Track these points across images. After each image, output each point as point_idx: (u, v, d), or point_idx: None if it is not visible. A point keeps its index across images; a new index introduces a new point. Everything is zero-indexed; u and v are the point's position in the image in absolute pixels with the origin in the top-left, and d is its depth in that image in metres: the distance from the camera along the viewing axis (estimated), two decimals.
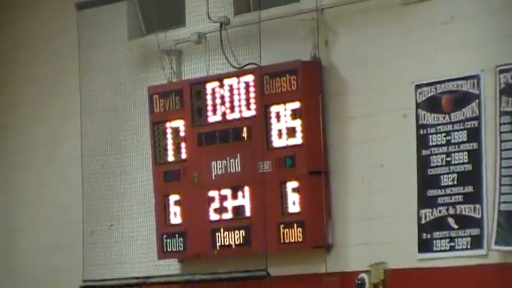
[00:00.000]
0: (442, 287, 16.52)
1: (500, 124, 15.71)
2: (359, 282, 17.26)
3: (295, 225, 17.94)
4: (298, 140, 18.15)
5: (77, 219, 20.68)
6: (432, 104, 16.77)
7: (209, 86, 19.18)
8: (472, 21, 16.25)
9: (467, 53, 16.26)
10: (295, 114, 18.10)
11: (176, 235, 19.43)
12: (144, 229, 19.99)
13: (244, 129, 18.58)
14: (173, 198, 19.89)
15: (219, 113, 18.89)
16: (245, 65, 18.83)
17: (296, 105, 18.12)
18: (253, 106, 18.61)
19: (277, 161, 18.63)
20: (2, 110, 22.67)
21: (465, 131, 16.22)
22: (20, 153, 22.74)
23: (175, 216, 19.86)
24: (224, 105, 18.89)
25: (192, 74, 19.58)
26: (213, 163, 18.91)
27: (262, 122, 18.40)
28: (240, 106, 18.82)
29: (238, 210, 19.12)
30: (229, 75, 18.87)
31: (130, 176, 20.35)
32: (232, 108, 18.93)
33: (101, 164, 20.79)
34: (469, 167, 16.29)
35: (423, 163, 16.82)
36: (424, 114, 16.72)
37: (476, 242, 16.14)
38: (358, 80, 17.82)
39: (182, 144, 19.54)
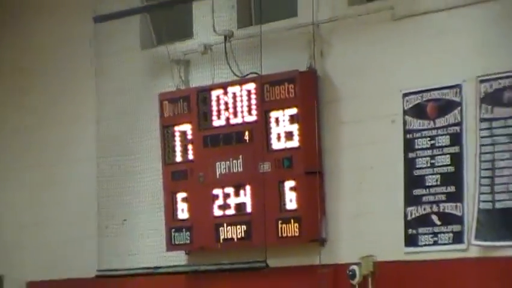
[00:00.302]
0: (426, 278, 16.44)
1: (480, 130, 15.78)
2: (350, 273, 17.13)
3: (292, 220, 17.94)
4: (295, 143, 18.14)
5: (91, 215, 20.86)
6: (418, 111, 16.78)
7: (214, 93, 19.19)
8: (456, 36, 16.24)
9: (450, 65, 16.30)
10: (292, 119, 18.08)
11: (184, 229, 19.49)
12: (154, 224, 20.01)
13: (246, 132, 18.64)
14: (181, 195, 19.83)
15: (223, 117, 18.92)
16: (247, 74, 18.80)
17: (294, 111, 18.08)
18: (254, 112, 18.60)
19: (276, 162, 18.58)
20: (21, 113, 22.71)
21: (448, 136, 16.30)
22: (35, 154, 22.73)
23: (182, 212, 19.84)
24: (228, 111, 18.89)
25: (198, 82, 19.60)
26: (217, 164, 18.93)
27: (262, 126, 18.41)
28: (242, 112, 18.81)
29: (240, 206, 19.08)
30: (232, 84, 18.91)
31: (141, 176, 20.36)
32: (235, 114, 18.92)
33: (114, 164, 20.80)
34: (451, 168, 16.33)
35: (409, 165, 16.87)
36: (411, 120, 16.76)
37: (458, 237, 16.14)
38: (350, 88, 17.76)
39: (189, 146, 19.56)
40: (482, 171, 15.85)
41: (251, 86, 18.65)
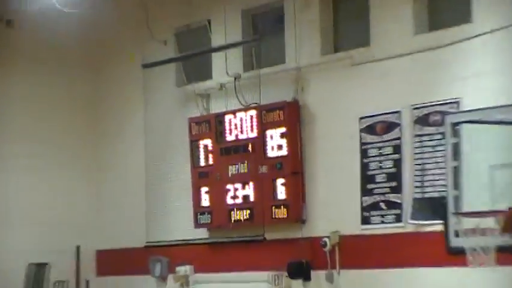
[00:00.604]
0: (375, 247, 16.75)
1: (413, 143, 16.07)
2: (323, 243, 17.38)
3: (282, 207, 18.36)
4: (284, 152, 18.42)
5: (142, 202, 21.14)
6: (370, 129, 17.08)
7: (227, 117, 19.43)
8: (397, 77, 16.50)
9: (393, 97, 16.58)
10: (282, 135, 18.39)
11: (206, 213, 19.85)
12: (185, 209, 20.29)
13: (250, 145, 19.03)
14: (204, 189, 20.01)
15: (233, 134, 19.29)
16: (250, 104, 19.15)
17: (283, 129, 18.37)
18: (255, 130, 18.96)
19: (271, 166, 18.77)
20: (96, 134, 22.89)
21: (391, 147, 16.64)
22: (107, 159, 22.92)
23: (205, 201, 19.97)
24: (236, 130, 19.26)
25: (216, 109, 20.03)
26: (229, 167, 19.28)
27: (261, 140, 18.73)
28: (246, 130, 19.20)
29: (245, 197, 19.27)
30: (240, 110, 19.35)
31: (177, 175, 20.75)
32: (241, 132, 19.20)
33: (157, 167, 21.14)
34: (393, 170, 16.70)
35: (364, 167, 17.14)
36: (365, 136, 17.08)
37: (398, 218, 16.46)
38: (322, 114, 17.98)
39: (210, 155, 19.80)
40: (415, 172, 16.19)
41: (253, 112, 18.99)
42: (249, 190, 19.17)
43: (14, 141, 21.87)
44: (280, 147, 18.53)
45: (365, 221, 17.20)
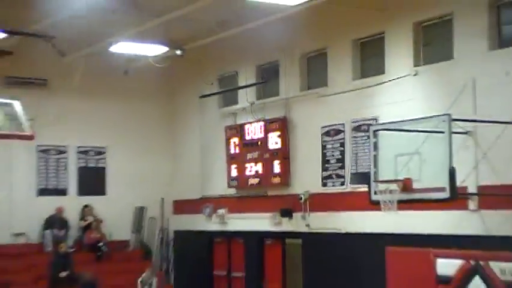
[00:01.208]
0: (329, 200, 16.67)
1: (351, 141, 16.26)
2: (299, 197, 17.20)
3: (277, 176, 18.29)
4: (279, 146, 18.29)
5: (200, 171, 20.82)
6: (327, 133, 17.00)
7: (246, 126, 19.17)
8: (342, 104, 16.49)
9: (339, 115, 16.50)
10: (278, 136, 18.28)
11: (234, 180, 19.66)
12: (223, 177, 19.97)
13: (259, 142, 18.87)
14: (233, 166, 19.64)
15: (250, 135, 19.11)
16: (259, 118, 18.81)
17: (278, 133, 18.28)
18: (262, 133, 18.80)
19: (271, 153, 18.54)
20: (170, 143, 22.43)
21: (339, 143, 16.67)
22: (180, 148, 22.21)
23: (234, 173, 19.60)
24: (251, 133, 19.09)
25: (240, 121, 19.65)
26: (247, 154, 19.17)
27: (265, 139, 18.64)
28: (257, 133, 18.96)
29: (256, 171, 18.96)
30: (253, 122, 19.07)
31: (218, 158, 20.26)
32: (254, 134, 18.98)
33: (209, 155, 20.83)
34: (340, 156, 16.68)
35: (323, 155, 17.09)
36: (324, 137, 17.04)
37: (342, 183, 16.52)
38: (300, 124, 17.77)
39: (236, 147, 19.52)
40: (352, 157, 16.24)
41: (261, 123, 18.75)
42: (259, 167, 18.86)
43: (132, 140, 21.74)
44: (276, 143, 18.34)
45: (324, 184, 17.10)
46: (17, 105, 13.03)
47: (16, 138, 13.86)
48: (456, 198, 12.24)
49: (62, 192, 20.64)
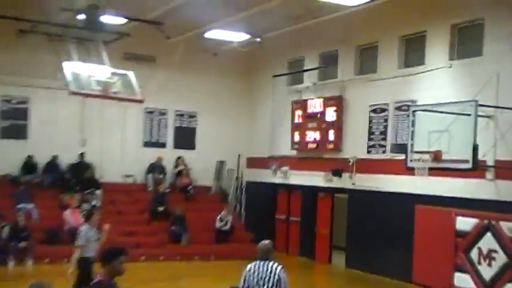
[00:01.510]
0: (373, 164, 16.30)
1: (393, 118, 15.98)
2: (348, 161, 16.88)
3: (331, 143, 17.88)
4: (334, 118, 17.65)
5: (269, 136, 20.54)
6: (374, 111, 16.58)
7: (309, 101, 18.50)
8: (388, 87, 16.10)
9: (385, 96, 16.13)
10: (334, 110, 17.71)
11: (296, 143, 19.08)
12: (287, 140, 19.36)
13: (318, 114, 18.22)
14: (296, 132, 19.09)
15: (311, 109, 18.45)
16: (319, 96, 18.29)
17: (334, 108, 17.70)
18: (322, 107, 18.17)
19: (327, 124, 17.95)
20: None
21: (383, 119, 16.24)
22: (255, 116, 21.70)
23: (296, 138, 19.18)
24: (313, 107, 18.48)
25: (304, 97, 19.03)
26: (308, 124, 18.54)
27: (324, 112, 18.02)
28: (317, 107, 18.30)
29: (315, 138, 18.38)
30: (315, 98, 18.49)
31: (285, 126, 19.61)
32: (315, 108, 18.38)
33: (276, 121, 20.28)
34: (383, 129, 16.35)
35: (369, 128, 16.72)
36: (371, 114, 16.58)
37: (384, 151, 16.13)
38: (352, 102, 17.27)
39: (300, 118, 18.87)
40: (393, 131, 15.93)
41: (321, 100, 18.19)
42: (317, 135, 18.40)
43: (217, 107, 21.44)
44: (332, 116, 17.86)
45: (368, 152, 16.78)
46: (132, 76, 13.09)
47: (129, 101, 13.81)
48: (477, 169, 12.27)
49: (161, 145, 20.75)
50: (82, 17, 14.02)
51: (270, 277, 6.60)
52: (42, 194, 17.82)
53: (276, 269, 6.67)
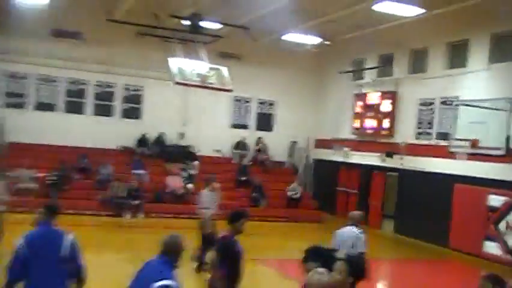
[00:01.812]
0: (420, 148, 16.00)
1: (439, 111, 15.85)
2: (400, 145, 16.56)
3: (387, 130, 17.53)
4: (390, 109, 17.34)
5: (332, 120, 20.34)
6: (423, 104, 16.25)
7: (369, 94, 18.22)
8: (434, 85, 15.85)
9: (432, 92, 15.89)
10: (389, 103, 17.32)
11: (357, 129, 18.71)
12: (348, 125, 19.10)
13: (375, 105, 17.95)
14: (356, 120, 18.58)
15: (371, 101, 18.15)
16: (378, 90, 17.92)
17: (390, 100, 17.34)
18: (378, 100, 17.84)
19: (383, 114, 17.61)
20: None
21: (430, 111, 16.02)
22: (322, 104, 21.07)
23: (356, 124, 18.68)
24: (372, 100, 18.18)
25: (364, 91, 18.66)
26: (367, 112, 18.28)
27: (380, 103, 17.73)
28: (376, 100, 18.00)
29: (372, 125, 18.06)
30: (374, 91, 18.22)
31: (347, 114, 19.29)
32: (373, 100, 17.99)
33: (339, 111, 19.83)
34: (430, 119, 16.12)
35: (419, 119, 16.49)
36: (420, 107, 16.32)
37: (430, 138, 15.92)
38: (406, 98, 16.95)
39: (360, 108, 18.52)
40: (438, 121, 15.76)
41: (379, 93, 17.87)
42: (374, 122, 18.14)
43: (292, 97, 21.18)
44: (387, 107, 17.63)
45: (417, 138, 16.58)
46: (224, 70, 13.64)
47: (221, 91, 14.12)
48: (509, 155, 12.45)
49: (245, 127, 20.98)
50: (186, 22, 14.58)
51: (351, 238, 7.01)
52: (151, 163, 18.25)
53: (356, 232, 7.12)
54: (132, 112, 19.19)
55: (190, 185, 17.20)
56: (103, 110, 18.80)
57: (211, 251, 6.06)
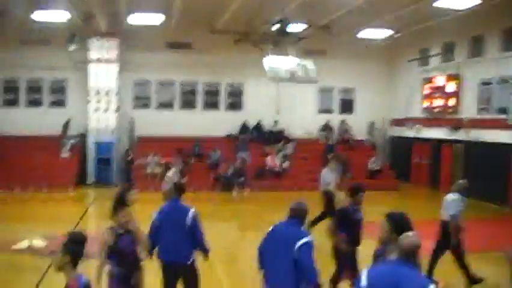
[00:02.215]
0: (481, 123, 16.02)
1: (497, 89, 15.85)
2: (464, 119, 16.70)
3: (451, 108, 17.71)
4: (454, 90, 17.55)
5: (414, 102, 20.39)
6: (483, 84, 16.45)
7: (434, 79, 18.39)
8: (493, 63, 16.10)
9: (492, 72, 16.04)
10: (454, 86, 17.56)
11: (426, 108, 18.91)
12: (418, 106, 19.47)
13: (439, 87, 17.93)
14: (426, 100, 18.74)
15: (435, 84, 18.32)
16: (441, 74, 18.09)
17: (454, 82, 17.52)
18: (443, 82, 17.84)
19: (446, 95, 17.78)
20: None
21: (489, 90, 16.19)
22: (390, 89, 21.51)
23: (426, 105, 18.81)
24: (435, 83, 18.38)
25: (430, 75, 18.85)
26: (434, 94, 18.37)
27: (443, 86, 17.86)
28: (440, 82, 18.14)
29: (439, 104, 18.20)
30: (438, 75, 18.30)
31: (417, 96, 19.48)
32: (439, 82, 18.22)
33: (413, 94, 20.08)
34: (490, 98, 16.26)
35: (480, 97, 16.65)
36: (481, 87, 16.57)
37: (489, 112, 16.18)
38: (468, 79, 17.21)
39: (427, 90, 18.73)
40: (497, 98, 15.75)
41: (444, 76, 17.93)
42: (440, 102, 18.10)
43: (369, 84, 21.71)
44: (452, 88, 17.80)
45: (479, 113, 16.66)
46: (310, 65, 15.08)
47: (308, 82, 15.49)
48: None
49: (330, 111, 21.81)
50: (276, 27, 15.32)
51: (447, 202, 7.53)
52: (252, 146, 19.56)
53: (452, 197, 7.41)
54: (234, 105, 20.86)
55: (285, 164, 18.49)
56: (211, 105, 20.67)
57: (331, 219, 6.43)
